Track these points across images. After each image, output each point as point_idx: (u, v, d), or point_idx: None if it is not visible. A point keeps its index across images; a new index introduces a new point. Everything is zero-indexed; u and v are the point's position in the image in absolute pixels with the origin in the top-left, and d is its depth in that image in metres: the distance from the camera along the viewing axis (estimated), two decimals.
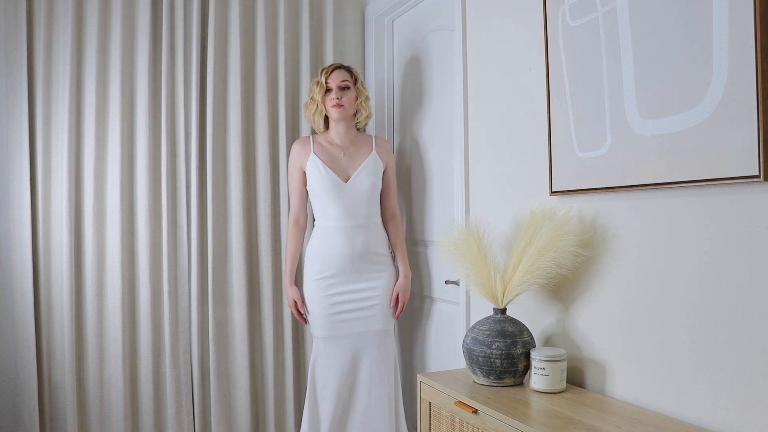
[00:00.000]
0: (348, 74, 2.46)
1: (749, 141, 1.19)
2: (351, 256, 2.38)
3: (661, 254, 1.44)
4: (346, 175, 2.43)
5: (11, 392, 2.42)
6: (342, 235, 2.38)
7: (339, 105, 2.40)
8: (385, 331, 2.43)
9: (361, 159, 2.46)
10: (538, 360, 1.60)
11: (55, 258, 2.48)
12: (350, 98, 2.44)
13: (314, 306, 2.40)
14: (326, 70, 2.44)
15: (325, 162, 2.42)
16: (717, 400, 1.30)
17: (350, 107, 2.44)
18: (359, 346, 2.39)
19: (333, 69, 2.44)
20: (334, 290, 2.38)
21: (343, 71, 2.45)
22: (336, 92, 2.41)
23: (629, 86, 1.47)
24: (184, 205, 2.62)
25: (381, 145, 2.53)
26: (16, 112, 2.41)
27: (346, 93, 2.43)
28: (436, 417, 1.74)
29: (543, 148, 1.80)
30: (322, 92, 2.43)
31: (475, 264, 1.77)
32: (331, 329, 2.38)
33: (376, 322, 2.41)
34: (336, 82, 2.42)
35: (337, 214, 2.39)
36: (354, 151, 2.48)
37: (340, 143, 2.48)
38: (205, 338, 2.66)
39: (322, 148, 2.46)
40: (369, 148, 2.49)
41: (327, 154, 2.45)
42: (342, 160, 2.45)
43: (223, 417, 2.63)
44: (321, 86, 2.43)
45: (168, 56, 2.58)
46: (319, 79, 2.45)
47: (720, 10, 1.24)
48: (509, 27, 1.97)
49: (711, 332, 1.32)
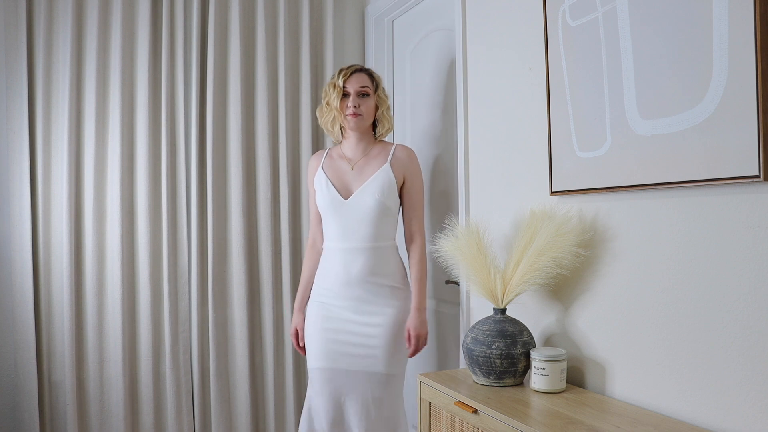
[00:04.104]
0: (369, 79, 2.14)
1: (749, 141, 1.19)
2: (346, 283, 2.07)
3: (661, 254, 1.44)
4: (349, 192, 2.11)
5: (11, 392, 2.42)
6: (338, 258, 2.09)
7: (356, 114, 2.08)
8: (389, 376, 2.05)
9: (370, 173, 2.11)
10: (538, 360, 1.60)
11: (55, 258, 2.48)
12: (369, 107, 2.12)
13: (312, 329, 2.11)
14: (344, 72, 2.12)
15: (330, 177, 2.14)
16: (717, 399, 1.30)
17: (368, 117, 2.13)
18: (351, 387, 2.04)
19: (352, 72, 2.12)
20: (331, 314, 2.09)
21: (363, 75, 2.13)
22: (354, 99, 2.09)
23: (629, 86, 1.47)
24: (184, 205, 2.62)
25: (399, 155, 2.14)
26: (16, 112, 2.41)
27: (366, 101, 2.11)
28: (436, 417, 1.74)
29: (543, 148, 1.80)
30: (339, 97, 2.10)
31: (475, 264, 1.76)
32: (326, 359, 2.05)
33: (376, 364, 2.04)
34: (355, 86, 2.10)
35: (335, 235, 2.10)
36: (364, 164, 2.14)
37: (351, 155, 2.17)
38: (205, 338, 2.66)
39: (331, 162, 2.18)
40: (383, 160, 2.12)
41: (334, 169, 2.16)
42: (348, 174, 2.14)
43: (223, 417, 2.63)
44: (338, 90, 2.10)
45: (168, 56, 2.58)
46: (336, 81, 2.12)
47: (720, 10, 1.24)
48: (509, 27, 1.97)
49: (711, 332, 1.32)
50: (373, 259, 2.06)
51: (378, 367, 2.04)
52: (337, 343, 2.06)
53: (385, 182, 2.08)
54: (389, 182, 2.08)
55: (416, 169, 2.17)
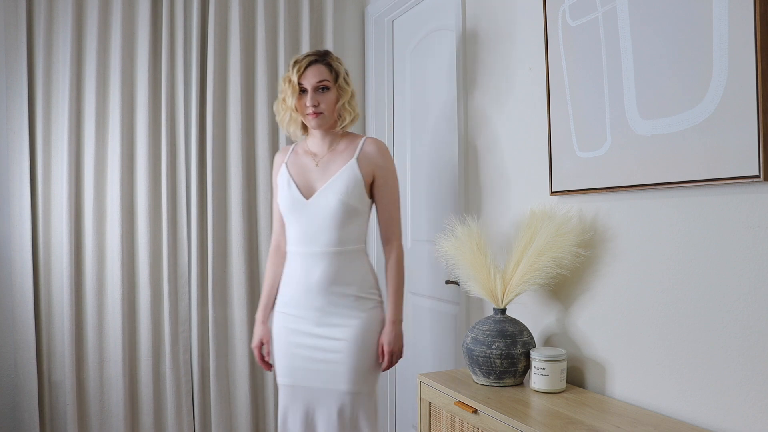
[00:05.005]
0: (327, 70, 1.89)
1: (749, 141, 1.19)
2: (306, 291, 1.88)
3: (661, 254, 1.44)
4: (311, 191, 1.91)
5: (11, 392, 2.42)
6: (298, 263, 1.91)
7: (316, 114, 1.87)
8: (354, 395, 1.85)
9: (334, 170, 1.90)
10: (538, 360, 1.60)
11: (55, 258, 2.48)
12: (330, 101, 1.88)
13: (277, 343, 1.96)
14: (299, 66, 1.88)
15: (292, 175, 1.94)
16: (717, 399, 1.30)
17: (330, 114, 1.90)
18: (315, 406, 1.89)
19: (307, 64, 1.88)
20: (295, 327, 1.91)
21: (320, 67, 1.88)
22: (312, 97, 1.86)
23: (629, 86, 1.47)
24: (184, 205, 2.62)
25: (368, 150, 1.92)
26: (16, 112, 2.41)
27: (325, 95, 1.88)
28: (436, 417, 1.74)
29: (543, 148, 1.80)
30: (295, 95, 1.89)
31: (475, 264, 1.77)
32: (291, 375, 1.91)
33: (339, 381, 1.85)
34: (312, 82, 1.87)
35: (295, 238, 1.92)
36: (329, 159, 1.93)
37: (316, 150, 1.97)
38: (205, 338, 2.66)
39: (296, 159, 1.99)
40: (349, 156, 1.91)
41: (298, 166, 1.96)
42: (313, 171, 1.93)
43: (223, 417, 2.63)
44: (293, 87, 1.89)
45: (168, 56, 2.58)
46: (290, 76, 1.89)
47: (720, 10, 1.24)
48: (509, 27, 1.97)
49: (711, 332, 1.32)
50: (335, 266, 1.86)
51: (341, 384, 1.85)
52: (301, 358, 1.89)
53: (351, 180, 1.87)
54: (355, 180, 1.87)
55: (388, 164, 1.94)
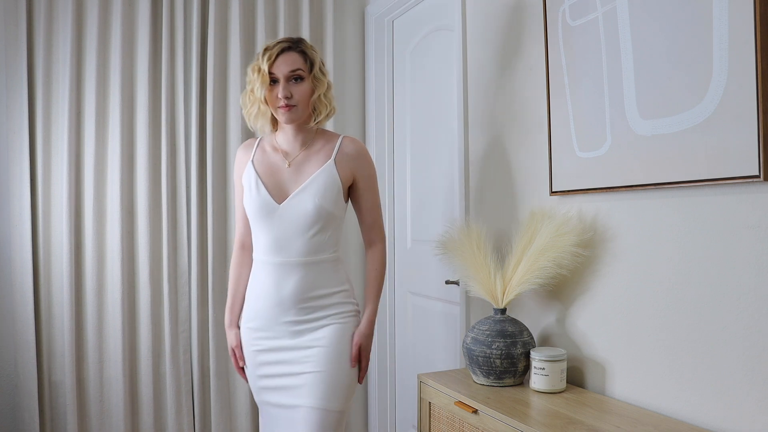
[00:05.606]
0: (301, 58, 1.70)
1: (749, 141, 1.19)
2: (277, 305, 1.71)
3: (661, 254, 1.44)
4: (284, 195, 1.73)
5: (11, 392, 2.42)
6: (268, 274, 1.73)
7: (288, 106, 1.69)
8: (324, 412, 1.65)
9: (310, 172, 1.73)
10: (538, 360, 1.60)
11: (55, 258, 2.48)
12: (304, 93, 1.70)
13: (248, 360, 1.80)
14: (270, 54, 1.68)
15: (261, 175, 1.75)
16: (717, 399, 1.30)
17: (304, 107, 1.71)
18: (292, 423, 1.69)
19: (279, 51, 1.69)
20: (262, 345, 1.75)
21: (293, 54, 1.70)
22: (284, 88, 1.68)
23: (629, 86, 1.47)
24: (184, 205, 2.62)
25: (347, 150, 1.76)
26: (16, 112, 2.41)
27: (299, 86, 1.69)
28: (436, 417, 1.74)
29: (543, 148, 1.80)
30: (265, 85, 1.69)
31: (475, 264, 1.77)
32: (261, 394, 1.77)
33: (308, 395, 1.67)
34: (284, 71, 1.68)
35: (264, 247, 1.73)
36: (303, 159, 1.76)
37: (287, 148, 1.78)
38: (205, 338, 2.66)
39: (263, 156, 1.79)
40: (326, 156, 1.74)
41: (266, 165, 1.77)
42: (284, 172, 1.75)
43: (223, 417, 2.63)
44: (263, 76, 1.68)
45: (168, 56, 2.58)
46: (260, 64, 1.69)
47: (720, 10, 1.24)
48: (509, 27, 1.97)
49: (711, 332, 1.32)
50: (310, 277, 1.71)
51: (309, 398, 1.67)
52: (268, 377, 1.75)
53: (329, 183, 1.71)
54: (333, 183, 1.71)
55: (368, 166, 1.79)
